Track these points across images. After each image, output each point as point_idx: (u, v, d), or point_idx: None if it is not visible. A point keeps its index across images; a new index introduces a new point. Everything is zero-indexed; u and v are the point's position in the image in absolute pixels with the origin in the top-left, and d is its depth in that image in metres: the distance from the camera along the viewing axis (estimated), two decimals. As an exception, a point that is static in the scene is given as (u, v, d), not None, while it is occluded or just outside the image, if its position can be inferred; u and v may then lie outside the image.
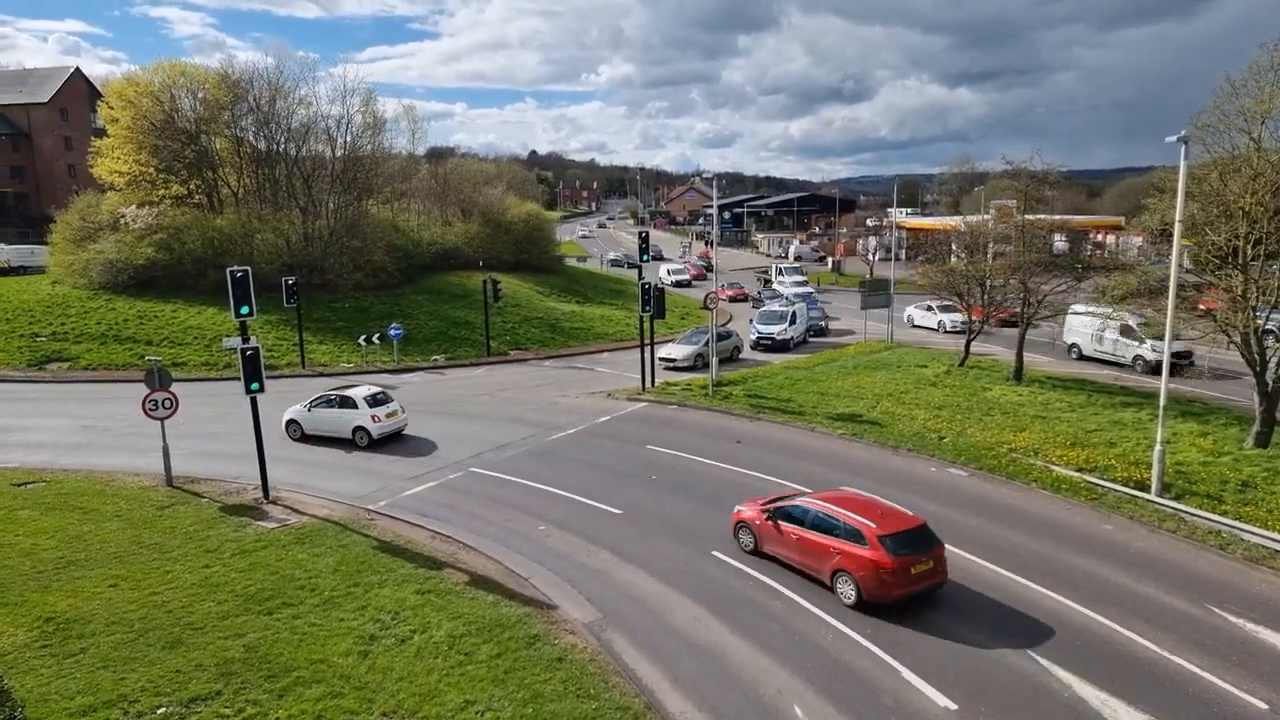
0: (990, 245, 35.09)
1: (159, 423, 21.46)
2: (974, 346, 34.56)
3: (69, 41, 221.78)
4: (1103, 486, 20.41)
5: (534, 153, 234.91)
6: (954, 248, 38.58)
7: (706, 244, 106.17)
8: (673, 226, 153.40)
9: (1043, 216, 33.56)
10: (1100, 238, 66.24)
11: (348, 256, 46.79)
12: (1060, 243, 36.87)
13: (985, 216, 43.45)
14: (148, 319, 41.45)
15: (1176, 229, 19.24)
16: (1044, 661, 13.29)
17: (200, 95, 51.79)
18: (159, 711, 11.72)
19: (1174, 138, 18.39)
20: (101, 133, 55.47)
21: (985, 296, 32.55)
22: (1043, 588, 15.68)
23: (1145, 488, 19.85)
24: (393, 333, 38.34)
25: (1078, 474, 21.22)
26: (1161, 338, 22.67)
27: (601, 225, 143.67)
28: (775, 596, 15.52)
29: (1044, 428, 25.01)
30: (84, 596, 15.17)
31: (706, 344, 35.01)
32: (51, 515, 19.32)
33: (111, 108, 50.64)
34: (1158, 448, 19.68)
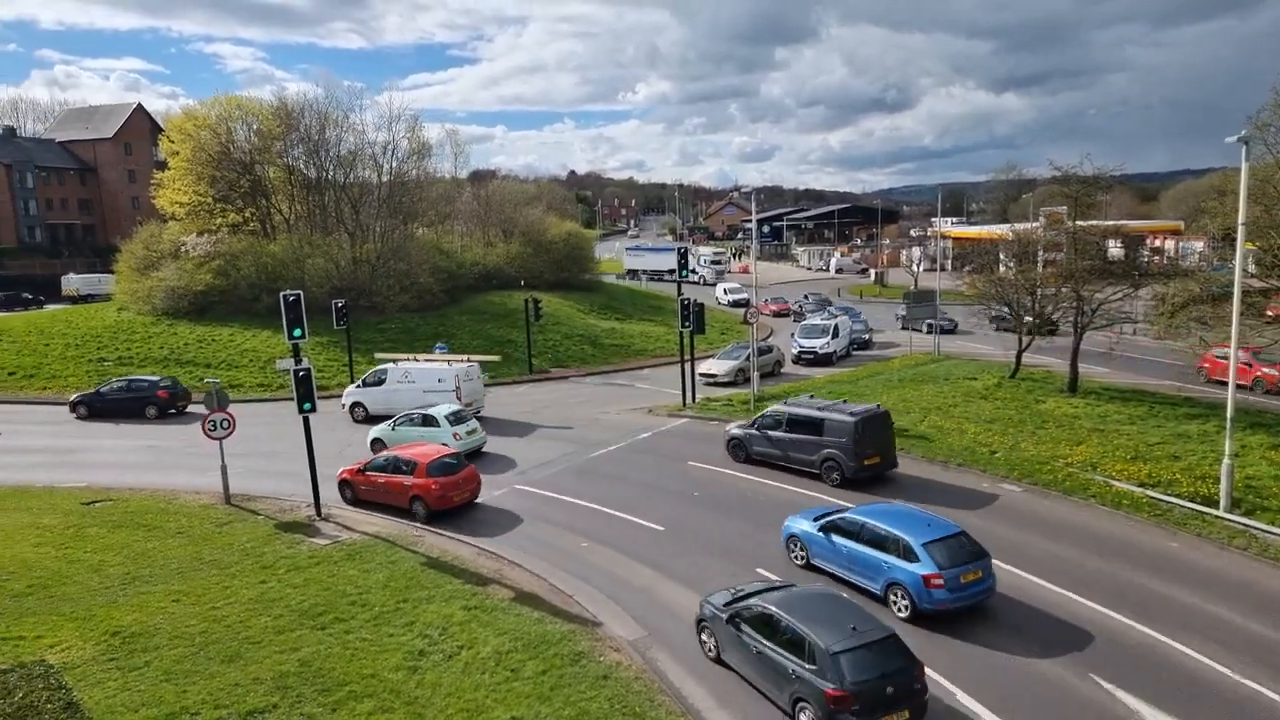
0: (1040, 253, 34.37)
1: (217, 442, 22.11)
2: (1026, 357, 33.79)
3: (129, 78, 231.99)
4: (1167, 502, 19.73)
5: (573, 172, 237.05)
6: (1002, 256, 37.89)
7: (732, 255, 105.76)
8: (711, 241, 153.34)
9: (1095, 222, 32.78)
10: (1158, 243, 64.33)
11: (394, 279, 47.77)
12: (1115, 249, 35.84)
13: (1034, 224, 42.58)
14: (206, 343, 42.83)
15: (1240, 232, 18.65)
16: (1106, 685, 12.86)
17: (254, 127, 53.61)
18: (218, 724, 12.02)
19: (1234, 138, 17.89)
20: (163, 165, 57.72)
21: (1035, 306, 31.85)
22: (1104, 607, 15.19)
23: (1213, 503, 19.13)
24: (438, 352, 38.94)
25: (1139, 489, 20.55)
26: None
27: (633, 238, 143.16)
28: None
29: (1102, 441, 24.30)
30: (148, 611, 15.65)
31: (748, 359, 34.88)
32: (118, 532, 20.02)
33: (172, 141, 52.69)
34: (1226, 461, 18.98)
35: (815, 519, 17.21)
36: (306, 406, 20.57)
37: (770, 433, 23.63)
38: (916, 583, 14.60)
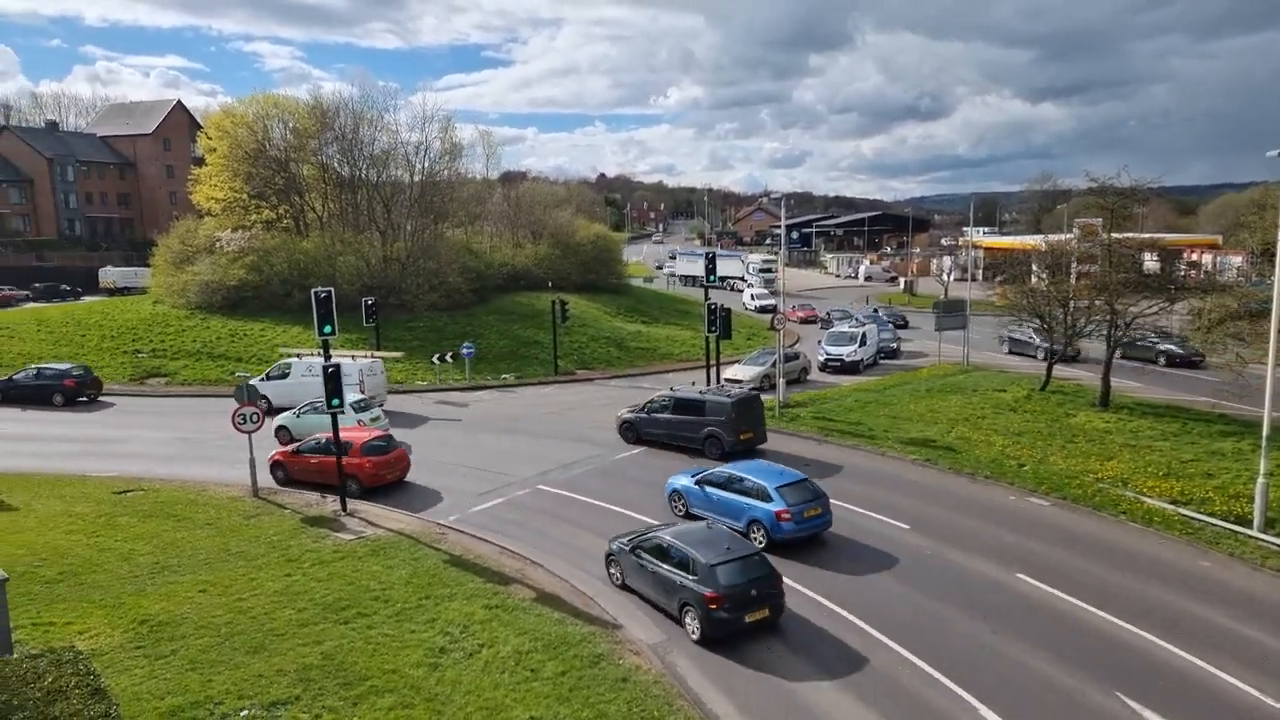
0: (1074, 265, 33.86)
1: (247, 436, 22.44)
2: (1057, 370, 33.29)
3: (170, 75, 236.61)
4: (1199, 520, 19.35)
5: (602, 175, 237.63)
6: (1034, 268, 37.37)
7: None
8: (740, 247, 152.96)
9: (1131, 235, 32.21)
10: (1195, 257, 63.13)
11: (423, 278, 48.21)
12: (1151, 262, 35.22)
13: (1068, 235, 42.00)
14: (238, 337, 43.52)
15: (1280, 248, 18.25)
16: (1133, 704, 12.63)
17: (290, 125, 54.45)
18: (243, 714, 12.18)
19: (1276, 152, 17.50)
20: (200, 161, 58.81)
21: (1068, 318, 31.37)
22: (1132, 625, 14.93)
23: (1247, 522, 18.74)
24: (465, 351, 39.25)
25: (1171, 506, 20.17)
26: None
27: (658, 245, 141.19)
28: (839, 623, 15.20)
29: (1134, 457, 23.88)
30: (176, 600, 15.91)
31: (773, 365, 34.70)
32: (148, 522, 20.38)
33: (210, 138, 53.67)
34: (1261, 480, 18.55)
35: (691, 476, 20.49)
36: (335, 403, 20.80)
37: (658, 415, 26.77)
38: (770, 518, 18.15)
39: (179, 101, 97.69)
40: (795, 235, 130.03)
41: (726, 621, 14.34)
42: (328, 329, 20.64)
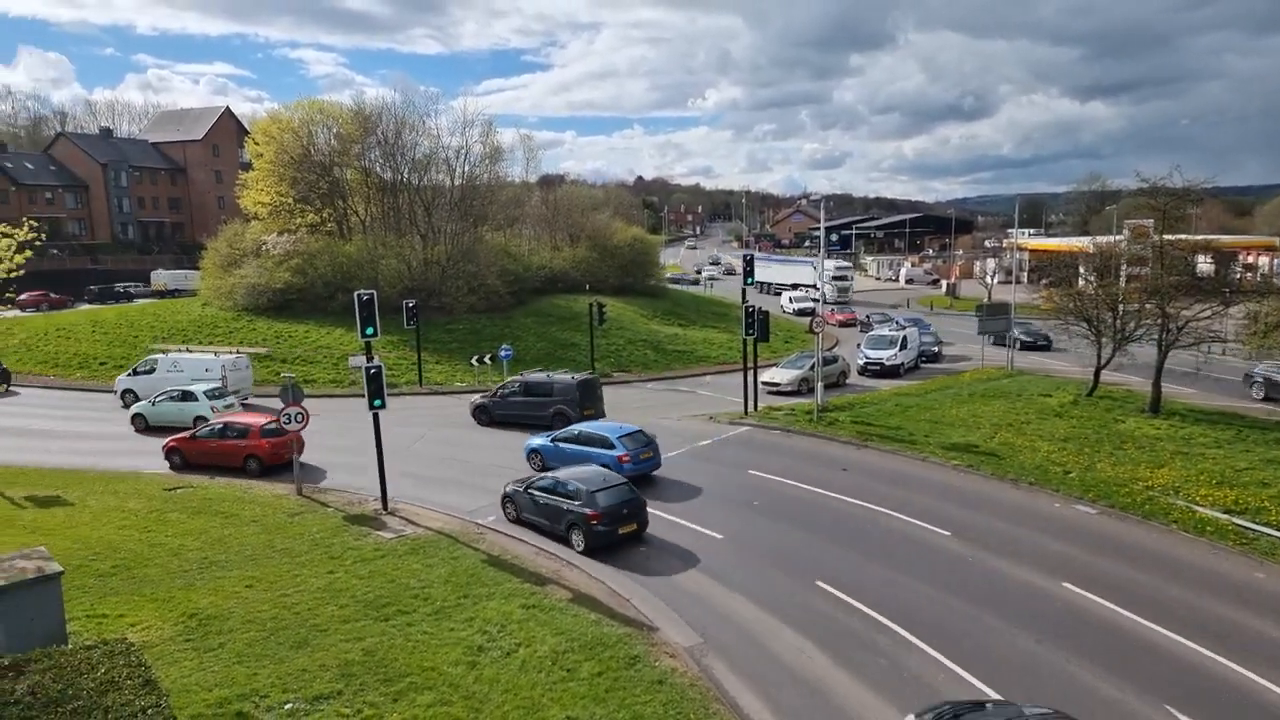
0: (1123, 267, 33.05)
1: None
2: (1105, 375, 32.50)
3: (218, 82, 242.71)
4: (1254, 530, 18.75)
5: (640, 178, 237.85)
6: (1081, 270, 36.56)
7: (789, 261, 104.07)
8: (778, 250, 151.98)
9: (1183, 236, 31.34)
10: (1251, 259, 61.18)
11: (463, 280, 48.76)
12: (1204, 264, 34.18)
13: (1118, 237, 41.00)
14: (283, 338, 44.44)
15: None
16: (1183, 717, 12.28)
17: (334, 130, 55.45)
18: (286, 707, 12.43)
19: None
20: (247, 166, 60.23)
21: (1117, 322, 30.60)
22: (1181, 637, 14.51)
23: (1303, 533, 18.10)
24: (503, 354, 39.56)
25: (1225, 516, 19.57)
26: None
27: (692, 250, 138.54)
28: (881, 631, 15.02)
29: (1185, 464, 23.21)
30: (223, 595, 16.29)
31: (812, 368, 34.41)
32: (197, 518, 20.91)
33: (257, 143, 54.88)
34: (1318, 489, 17.92)
35: (545, 436, 24.65)
36: (377, 403, 21.11)
37: (511, 397, 30.46)
38: (614, 461, 22.11)
39: (227, 108, 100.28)
40: (834, 237, 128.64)
41: (605, 534, 18.42)
42: (370, 331, 20.98)
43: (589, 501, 18.53)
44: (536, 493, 19.96)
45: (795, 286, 74.45)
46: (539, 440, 24.84)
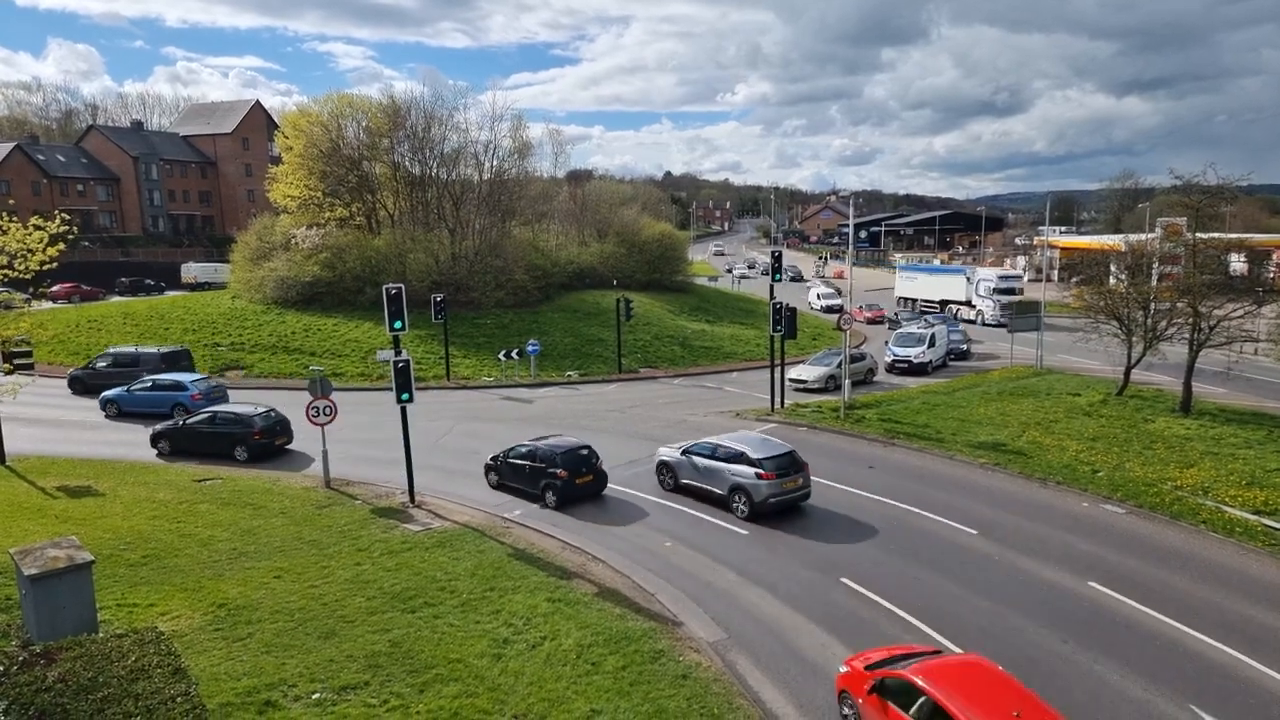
0: (1155, 266, 32.49)
1: (320, 428, 23.22)
2: (1135, 374, 31.99)
3: (248, 75, 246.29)
4: (1287, 533, 18.39)
5: (668, 173, 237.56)
6: (1113, 268, 35.98)
7: (821, 259, 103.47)
8: (806, 246, 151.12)
9: (1217, 235, 30.72)
10: (1287, 258, 59.81)
11: (491, 275, 48.99)
12: (1238, 263, 33.54)
13: (1150, 235, 40.28)
14: (312, 332, 44.98)
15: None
16: (1210, 719, 12.12)
17: (364, 124, 55.82)
18: (314, 696, 12.64)
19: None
20: (277, 160, 60.84)
21: (1148, 320, 30.11)
22: (1210, 638, 14.31)
23: (1339, 537, 17.73)
24: (530, 349, 39.77)
25: (1255, 517, 19.26)
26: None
27: (719, 253, 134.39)
28: (906, 628, 14.95)
29: (1215, 465, 22.84)
30: (252, 585, 16.57)
31: (839, 365, 34.21)
32: (226, 510, 21.28)
33: (286, 137, 55.38)
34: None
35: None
36: (405, 397, 21.32)
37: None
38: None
39: (257, 101, 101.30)
40: (863, 234, 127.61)
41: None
42: (398, 325, 21.19)
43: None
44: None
45: (944, 305, 59.15)
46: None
